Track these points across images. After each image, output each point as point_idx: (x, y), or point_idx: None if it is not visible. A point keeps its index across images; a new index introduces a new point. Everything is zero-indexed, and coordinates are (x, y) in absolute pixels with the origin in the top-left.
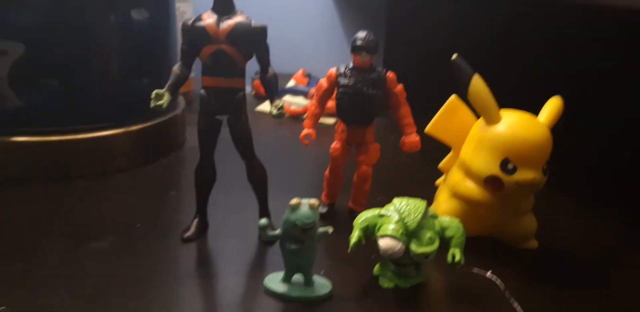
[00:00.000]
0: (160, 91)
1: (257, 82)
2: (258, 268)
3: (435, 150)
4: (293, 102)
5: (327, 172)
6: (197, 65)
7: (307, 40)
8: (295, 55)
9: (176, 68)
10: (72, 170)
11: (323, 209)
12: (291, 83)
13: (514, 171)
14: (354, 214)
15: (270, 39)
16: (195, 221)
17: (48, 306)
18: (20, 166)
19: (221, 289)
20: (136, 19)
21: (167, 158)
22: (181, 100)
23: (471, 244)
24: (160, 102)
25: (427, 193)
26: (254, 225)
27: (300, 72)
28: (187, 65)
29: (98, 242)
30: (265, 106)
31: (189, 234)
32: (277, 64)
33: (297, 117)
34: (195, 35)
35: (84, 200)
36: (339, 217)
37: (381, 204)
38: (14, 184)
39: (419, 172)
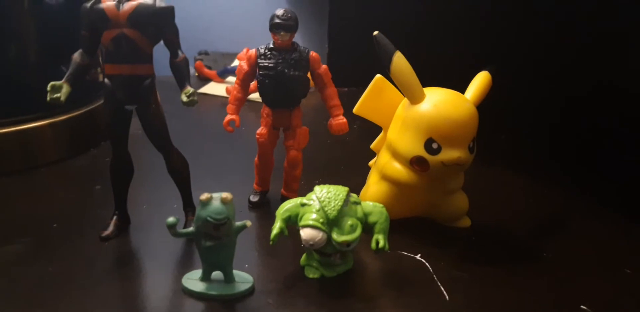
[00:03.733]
0: (58, 83)
1: (199, 62)
2: (181, 266)
3: (376, 129)
4: None
5: (256, 158)
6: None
7: (251, 18)
8: (238, 34)
9: (76, 56)
10: None
11: (255, 198)
12: (235, 63)
13: (438, 150)
14: None
15: (214, 18)
16: (115, 218)
17: None
18: None
19: (139, 290)
20: (51, 3)
21: (97, 148)
22: None
23: (402, 225)
24: (57, 95)
25: (365, 174)
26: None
27: (244, 51)
28: (88, 53)
29: (12, 244)
30: (209, 88)
31: (107, 232)
32: (221, 43)
33: None
34: (95, 19)
35: (6, 198)
36: (272, 205)
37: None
38: None
39: (358, 153)
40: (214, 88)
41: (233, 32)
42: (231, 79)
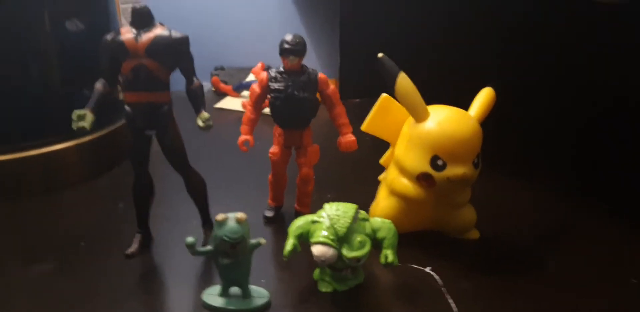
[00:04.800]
0: (82, 112)
1: (215, 78)
2: (202, 281)
3: (384, 143)
4: None
5: (270, 176)
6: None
7: (266, 33)
8: (253, 48)
9: (99, 85)
10: (21, 188)
11: (269, 213)
12: (250, 77)
13: (444, 167)
14: (299, 216)
15: (230, 33)
16: (138, 236)
17: None
18: None
19: (162, 305)
20: (73, 29)
21: (120, 167)
22: None
23: (412, 238)
24: (83, 124)
25: (374, 188)
26: (198, 236)
27: (259, 65)
28: (110, 82)
29: (41, 264)
30: (225, 103)
31: (131, 250)
32: (237, 58)
33: None
34: (115, 50)
35: (33, 219)
36: (286, 219)
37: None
38: None
39: (369, 167)
40: (230, 103)
41: (248, 48)
42: (247, 93)
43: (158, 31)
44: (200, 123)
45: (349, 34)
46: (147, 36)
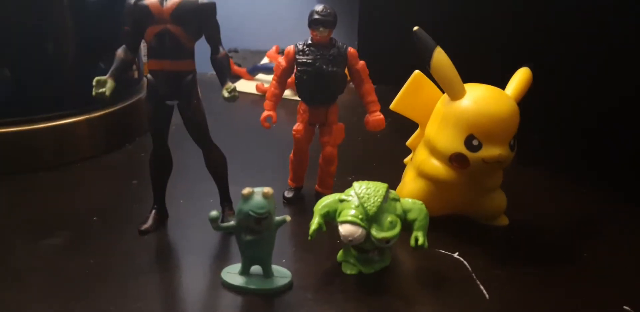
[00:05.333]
0: (102, 78)
1: (231, 60)
2: (219, 259)
3: (410, 126)
4: (266, 81)
5: (291, 154)
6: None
7: (281, 15)
8: (268, 31)
9: (120, 52)
10: (33, 162)
11: (289, 194)
12: (264, 60)
13: (479, 147)
14: (321, 198)
15: (244, 16)
16: (153, 212)
17: None
18: None
19: (178, 283)
20: (88, 1)
21: (132, 144)
22: (144, 83)
23: (440, 223)
24: (102, 90)
25: (399, 171)
26: None
27: (273, 48)
28: (131, 49)
29: (52, 237)
30: (239, 85)
31: (146, 226)
32: (251, 41)
33: None
34: (139, 15)
35: (44, 193)
36: (306, 201)
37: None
38: None
39: (391, 150)
40: (244, 85)
41: (263, 30)
42: (261, 76)
43: None
44: (225, 94)
45: (368, 19)
46: (172, 1)
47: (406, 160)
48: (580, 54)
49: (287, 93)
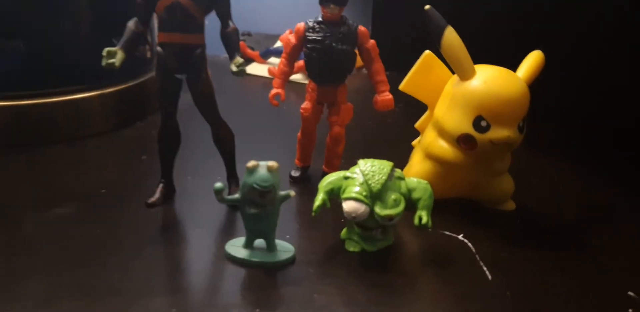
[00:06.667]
0: (113, 49)
1: (242, 43)
2: (224, 233)
3: (420, 109)
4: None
5: (299, 133)
6: None
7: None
8: (282, 15)
9: (131, 24)
10: (45, 134)
11: (296, 173)
12: (277, 44)
13: (487, 128)
14: None
15: None
16: (161, 186)
17: (2, 271)
18: None
19: (183, 255)
20: None
21: (143, 121)
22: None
23: (445, 206)
24: (112, 61)
25: (407, 154)
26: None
27: (287, 32)
28: (142, 21)
29: (61, 207)
30: (252, 69)
31: (153, 199)
32: (264, 24)
33: None
34: None
35: (56, 165)
36: (312, 180)
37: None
38: None
39: (401, 132)
40: (257, 69)
41: (276, 14)
42: (273, 60)
43: None
44: (233, 68)
45: (383, 5)
46: None
47: (414, 142)
48: (596, 39)
49: (299, 77)
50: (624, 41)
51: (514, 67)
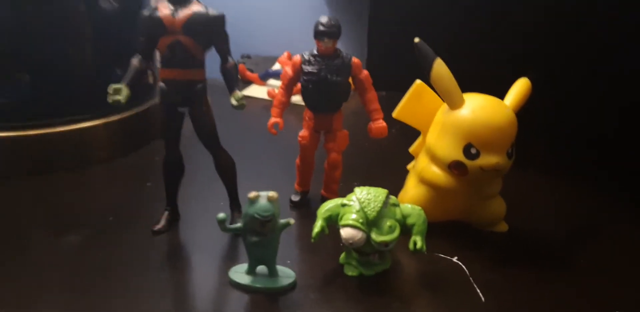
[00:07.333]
0: (118, 86)
1: (242, 66)
2: (228, 259)
3: (415, 133)
4: (277, 86)
5: (297, 160)
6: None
7: (293, 22)
8: (280, 37)
9: (135, 61)
10: (51, 164)
11: (296, 198)
12: (276, 66)
13: (477, 155)
14: None
15: (257, 22)
16: (166, 213)
17: (13, 298)
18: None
19: (188, 281)
20: (106, 7)
21: (146, 148)
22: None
23: (440, 229)
24: (118, 97)
25: (402, 177)
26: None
27: (285, 54)
28: (146, 58)
29: (70, 235)
30: (251, 91)
31: (159, 226)
32: (263, 47)
33: None
34: (152, 26)
35: (62, 193)
36: (312, 205)
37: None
38: None
39: (396, 156)
40: (256, 91)
41: (275, 36)
42: (272, 81)
43: (195, 8)
44: (234, 102)
45: (378, 26)
46: (184, 13)
47: (409, 166)
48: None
49: (298, 99)
50: (606, 62)
51: (501, 94)
